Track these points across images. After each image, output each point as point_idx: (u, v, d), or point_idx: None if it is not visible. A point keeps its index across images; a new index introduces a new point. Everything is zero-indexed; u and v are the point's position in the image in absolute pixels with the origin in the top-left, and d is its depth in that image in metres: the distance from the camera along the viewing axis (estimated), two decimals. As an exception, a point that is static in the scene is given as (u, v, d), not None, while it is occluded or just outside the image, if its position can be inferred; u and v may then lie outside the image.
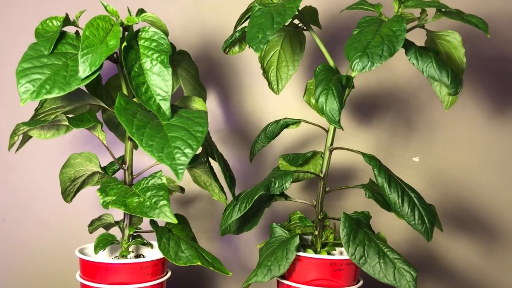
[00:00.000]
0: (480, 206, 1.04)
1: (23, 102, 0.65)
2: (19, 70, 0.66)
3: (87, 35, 0.67)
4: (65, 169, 0.80)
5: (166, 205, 0.68)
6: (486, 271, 1.04)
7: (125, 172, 0.79)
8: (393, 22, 0.68)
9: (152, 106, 0.69)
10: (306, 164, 0.87)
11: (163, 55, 0.70)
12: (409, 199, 0.74)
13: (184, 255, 0.75)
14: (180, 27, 1.01)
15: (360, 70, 0.65)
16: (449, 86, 0.69)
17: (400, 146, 1.03)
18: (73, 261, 0.82)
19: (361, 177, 1.01)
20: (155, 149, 0.64)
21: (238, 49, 0.85)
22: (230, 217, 0.79)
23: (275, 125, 0.85)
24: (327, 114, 0.69)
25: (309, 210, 0.86)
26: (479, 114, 1.03)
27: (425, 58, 0.70)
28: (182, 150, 0.64)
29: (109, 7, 0.74)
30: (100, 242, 0.79)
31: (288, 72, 0.88)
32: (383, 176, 0.74)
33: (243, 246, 1.05)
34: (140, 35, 0.72)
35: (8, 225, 1.03)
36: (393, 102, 1.03)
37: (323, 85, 0.70)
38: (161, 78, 0.70)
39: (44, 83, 0.65)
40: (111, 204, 0.69)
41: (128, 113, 0.67)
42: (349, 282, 0.80)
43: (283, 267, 0.76)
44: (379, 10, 0.76)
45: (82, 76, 0.66)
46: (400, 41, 0.66)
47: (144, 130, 0.65)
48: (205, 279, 1.05)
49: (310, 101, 0.87)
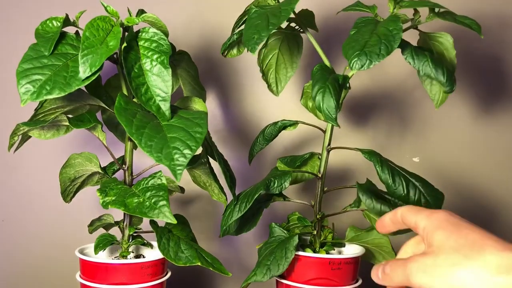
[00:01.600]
0: (477, 203, 1.05)
1: (23, 103, 0.65)
2: (19, 70, 0.66)
3: (87, 36, 0.67)
4: (65, 169, 0.80)
5: (166, 205, 0.68)
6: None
7: (125, 172, 0.79)
8: (389, 22, 0.70)
9: (152, 107, 0.69)
10: (304, 166, 0.87)
11: (163, 56, 0.70)
12: (414, 191, 0.74)
13: (184, 255, 0.75)
14: (180, 27, 1.02)
15: (359, 68, 0.66)
16: (445, 84, 0.70)
17: (397, 146, 1.04)
18: (73, 261, 0.82)
19: (358, 177, 1.02)
20: (153, 149, 0.63)
21: (236, 51, 0.86)
22: (230, 217, 0.79)
23: (273, 127, 0.86)
24: (324, 112, 0.70)
25: (307, 210, 0.86)
26: (470, 112, 1.04)
27: (421, 57, 0.71)
28: (181, 151, 0.64)
29: (109, 7, 0.74)
30: (100, 242, 0.79)
31: (287, 74, 0.89)
32: (387, 172, 0.74)
33: (243, 247, 1.05)
34: (140, 35, 0.72)
35: (8, 225, 1.03)
36: (388, 102, 1.04)
37: (320, 83, 0.71)
38: (161, 79, 0.70)
39: (44, 84, 0.65)
40: (110, 204, 0.69)
41: (127, 113, 0.67)
42: (348, 281, 0.80)
43: (282, 266, 0.77)
44: (374, 11, 0.77)
45: (82, 77, 0.66)
46: (397, 39, 0.67)
47: (144, 131, 0.65)
48: (205, 280, 1.05)
49: (307, 104, 0.87)
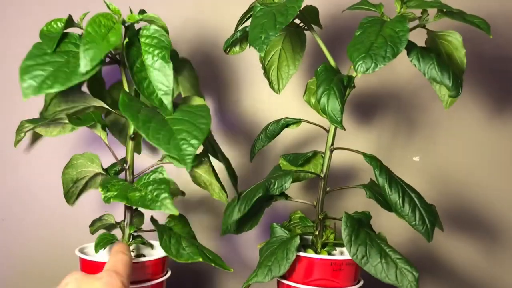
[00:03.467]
0: (481, 206, 1.04)
1: (26, 97, 0.65)
2: (22, 67, 0.66)
3: (89, 31, 0.67)
4: (68, 169, 0.80)
5: (168, 197, 0.68)
6: (487, 271, 1.04)
7: (126, 171, 0.79)
8: (396, 22, 0.68)
9: (154, 101, 0.70)
10: (306, 164, 0.87)
11: (164, 51, 0.71)
12: (410, 200, 0.74)
13: (186, 252, 0.75)
14: (181, 27, 1.01)
15: (364, 71, 0.64)
16: (450, 88, 0.69)
17: (401, 146, 1.03)
18: (73, 261, 0.81)
19: (361, 177, 1.01)
20: (162, 141, 0.64)
21: (239, 49, 0.85)
22: (230, 217, 0.79)
23: (276, 125, 0.85)
24: (329, 115, 0.69)
25: (309, 210, 0.86)
26: (479, 114, 1.03)
27: (427, 59, 0.69)
28: (188, 141, 0.65)
29: (111, 5, 0.75)
30: (100, 241, 0.78)
31: (289, 71, 0.88)
32: (384, 177, 0.74)
33: (244, 246, 1.05)
34: (141, 32, 0.73)
35: (8, 225, 1.03)
36: (394, 101, 1.03)
37: (324, 85, 0.70)
38: (163, 73, 0.71)
39: (45, 79, 0.66)
40: (113, 198, 0.70)
41: (132, 108, 0.68)
42: (349, 282, 0.80)
43: (283, 267, 0.76)
44: (381, 10, 0.75)
45: (82, 71, 0.66)
46: (403, 42, 0.66)
47: (150, 124, 0.66)
48: (205, 279, 1.05)
49: (310, 100, 0.86)
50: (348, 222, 0.75)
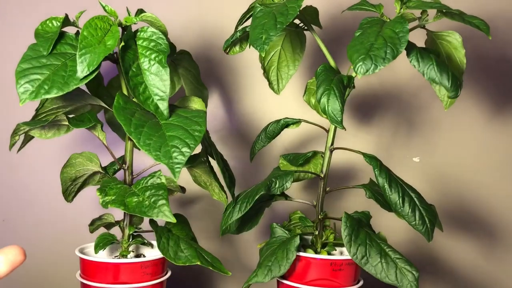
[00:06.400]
0: (480, 206, 1.04)
1: (22, 102, 0.65)
2: (18, 70, 0.66)
3: (85, 35, 0.67)
4: (66, 168, 0.80)
5: (165, 204, 0.68)
6: (486, 270, 1.04)
7: (125, 172, 0.79)
8: (396, 23, 0.68)
9: (150, 106, 0.69)
10: (306, 164, 0.87)
11: (161, 55, 0.70)
12: (409, 200, 0.74)
13: (184, 255, 0.74)
14: (181, 27, 1.01)
15: (364, 73, 0.64)
16: (449, 89, 0.69)
17: (401, 146, 1.03)
18: (73, 260, 0.81)
19: (361, 177, 1.01)
20: (152, 148, 0.64)
21: (238, 48, 0.85)
22: (230, 217, 0.79)
23: (276, 125, 0.85)
24: (329, 115, 0.69)
25: (309, 210, 0.86)
26: (479, 114, 1.03)
27: (426, 60, 0.69)
28: (180, 149, 0.64)
29: (107, 7, 0.73)
30: (100, 241, 0.79)
31: (289, 72, 0.88)
32: (384, 177, 0.74)
33: (243, 246, 1.05)
34: (138, 35, 0.72)
35: (8, 225, 1.03)
36: (394, 102, 1.03)
37: (324, 85, 0.70)
38: (159, 78, 0.70)
39: (42, 83, 0.65)
40: (110, 203, 0.70)
41: (126, 112, 0.67)
42: (349, 282, 0.80)
43: (283, 267, 0.76)
44: (380, 10, 0.75)
45: (80, 76, 0.66)
46: (403, 43, 0.66)
47: (142, 129, 0.65)
48: (205, 279, 1.05)
49: (310, 100, 0.86)
50: (348, 222, 0.75)
